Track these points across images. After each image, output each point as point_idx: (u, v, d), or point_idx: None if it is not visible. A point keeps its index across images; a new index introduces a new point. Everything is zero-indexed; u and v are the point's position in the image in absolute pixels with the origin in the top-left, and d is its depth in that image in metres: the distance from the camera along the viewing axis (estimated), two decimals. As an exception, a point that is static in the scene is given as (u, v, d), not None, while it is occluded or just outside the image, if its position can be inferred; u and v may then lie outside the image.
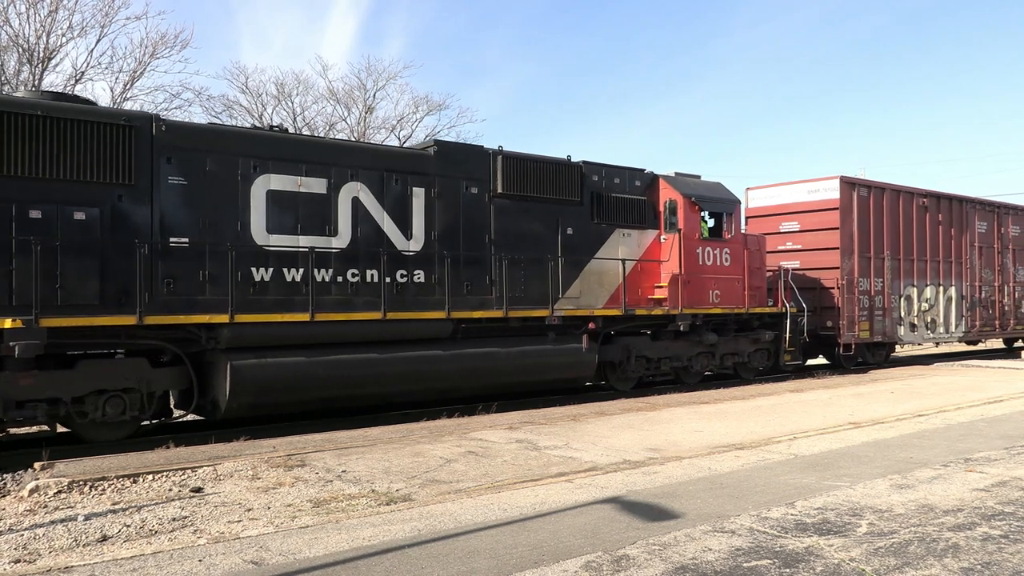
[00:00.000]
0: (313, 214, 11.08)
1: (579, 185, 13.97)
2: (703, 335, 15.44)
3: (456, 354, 12.06)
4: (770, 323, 16.83)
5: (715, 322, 15.76)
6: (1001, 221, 23.01)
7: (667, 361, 15.19)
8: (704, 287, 15.25)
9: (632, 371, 14.66)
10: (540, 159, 13.67)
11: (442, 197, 12.36)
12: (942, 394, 13.69)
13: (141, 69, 26.42)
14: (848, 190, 18.39)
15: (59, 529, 5.74)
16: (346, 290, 11.29)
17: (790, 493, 6.49)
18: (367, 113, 35.46)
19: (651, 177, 15.25)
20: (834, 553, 4.92)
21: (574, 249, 13.83)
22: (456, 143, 14.89)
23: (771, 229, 19.20)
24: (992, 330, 22.89)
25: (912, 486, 6.78)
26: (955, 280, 21.27)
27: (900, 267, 19.60)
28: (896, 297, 19.47)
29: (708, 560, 4.77)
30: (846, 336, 18.16)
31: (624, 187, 14.73)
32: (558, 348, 13.26)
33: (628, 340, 14.63)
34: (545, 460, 7.99)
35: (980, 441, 9.03)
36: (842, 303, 18.03)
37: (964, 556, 4.88)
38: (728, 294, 15.67)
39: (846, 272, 18.18)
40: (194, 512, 6.15)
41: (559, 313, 13.23)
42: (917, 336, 20.37)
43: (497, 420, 10.75)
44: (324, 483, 7.01)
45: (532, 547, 5.06)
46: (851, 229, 18.34)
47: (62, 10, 24.07)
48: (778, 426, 10.18)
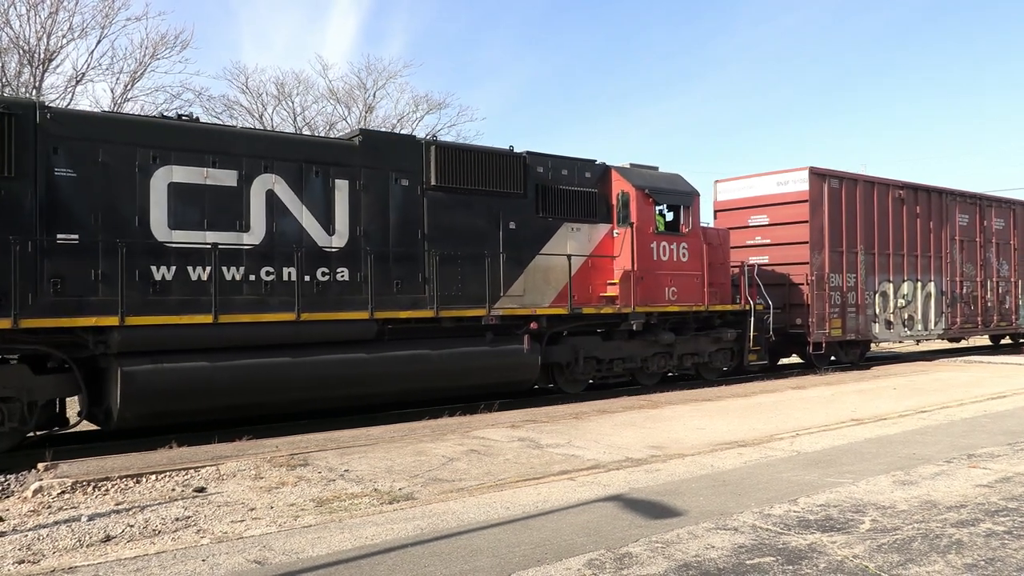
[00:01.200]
0: (222, 208, 10.33)
1: (522, 177, 13.21)
2: (659, 334, 14.71)
3: (381, 357, 11.30)
4: (733, 321, 16.06)
5: (673, 321, 15.02)
6: (984, 214, 22.15)
7: (620, 362, 14.44)
8: (659, 284, 14.52)
9: (580, 373, 13.91)
10: (478, 149, 13.10)
11: (368, 190, 11.60)
12: (945, 390, 13.67)
13: (141, 70, 26.47)
14: (818, 182, 17.69)
15: (63, 529, 5.75)
16: (260, 289, 10.55)
17: (793, 490, 6.49)
18: (367, 112, 35.48)
19: (603, 169, 14.50)
20: (837, 550, 4.92)
21: (517, 244, 13.08)
22: (384, 132, 14.13)
23: (740, 223, 18.60)
24: (974, 327, 22.10)
25: (915, 482, 6.78)
26: (934, 275, 20.53)
27: (875, 262, 18.89)
28: (871, 293, 18.77)
29: (711, 558, 4.77)
30: (816, 334, 17.46)
31: (573, 179, 13.98)
32: (496, 350, 12.46)
33: (576, 340, 13.87)
34: (547, 458, 7.99)
35: (983, 437, 9.02)
36: (811, 300, 17.35)
37: (967, 552, 4.87)
38: (686, 291, 14.92)
39: (816, 267, 17.49)
40: (197, 512, 6.16)
41: (497, 312, 12.45)
42: (893, 334, 19.65)
43: (499, 418, 10.76)
44: (327, 482, 7.01)
45: (535, 545, 5.06)
46: (821, 222, 17.67)
47: (62, 11, 24.12)
48: (780, 423, 10.17)
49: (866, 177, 19.08)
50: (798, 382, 15.41)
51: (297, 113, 34.41)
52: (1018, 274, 23.35)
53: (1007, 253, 23.07)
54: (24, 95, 22.79)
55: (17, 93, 23.00)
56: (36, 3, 23.53)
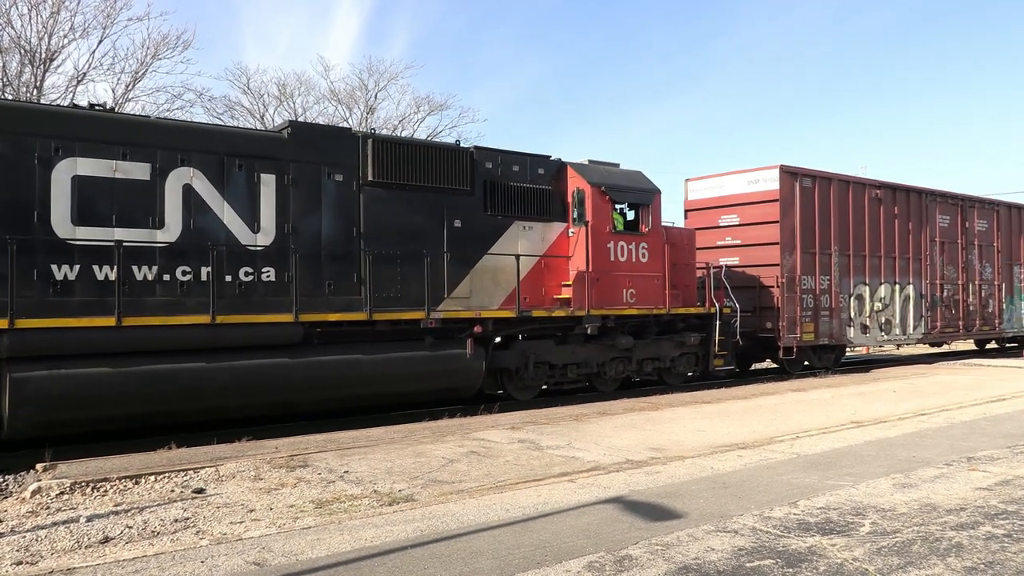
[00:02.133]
0: (133, 203, 9.73)
1: (469, 172, 12.57)
2: (616, 338, 13.98)
3: (307, 362, 10.60)
4: (698, 325, 15.38)
5: (632, 324, 14.34)
6: (966, 215, 21.53)
7: (575, 367, 13.75)
8: (617, 286, 13.85)
9: (530, 379, 13.25)
10: (420, 143, 12.47)
11: (298, 185, 10.98)
12: (944, 393, 13.67)
13: (143, 70, 26.49)
14: (789, 180, 17.07)
15: (61, 530, 5.75)
16: (175, 290, 9.94)
17: (793, 492, 6.49)
18: (368, 113, 35.51)
19: (558, 165, 13.88)
20: (837, 553, 4.91)
21: (463, 243, 12.42)
22: (316, 124, 13.25)
23: (711, 223, 18.04)
24: (955, 331, 21.41)
25: (915, 485, 6.77)
26: (914, 278, 19.93)
27: (850, 264, 18.27)
28: (845, 296, 18.14)
29: (711, 560, 4.77)
30: (786, 339, 16.77)
31: (525, 175, 13.33)
32: (436, 355, 11.74)
33: (526, 345, 13.16)
34: (547, 460, 7.98)
35: (983, 440, 9.02)
36: (782, 303, 16.73)
37: (967, 555, 4.87)
38: (646, 293, 14.26)
39: (787, 269, 16.89)
40: (196, 513, 6.16)
41: (437, 315, 11.71)
42: (869, 338, 19.03)
43: (499, 420, 10.75)
44: (326, 484, 7.01)
45: (535, 547, 5.06)
46: (793, 223, 17.05)
47: (64, 11, 24.15)
48: (780, 425, 10.17)
49: (841, 176, 18.51)
50: (798, 384, 15.41)
51: (299, 114, 34.43)
52: (1002, 277, 22.72)
53: (990, 255, 22.47)
54: (25, 95, 22.81)
55: (18, 93, 23.02)
56: (38, 3, 23.57)
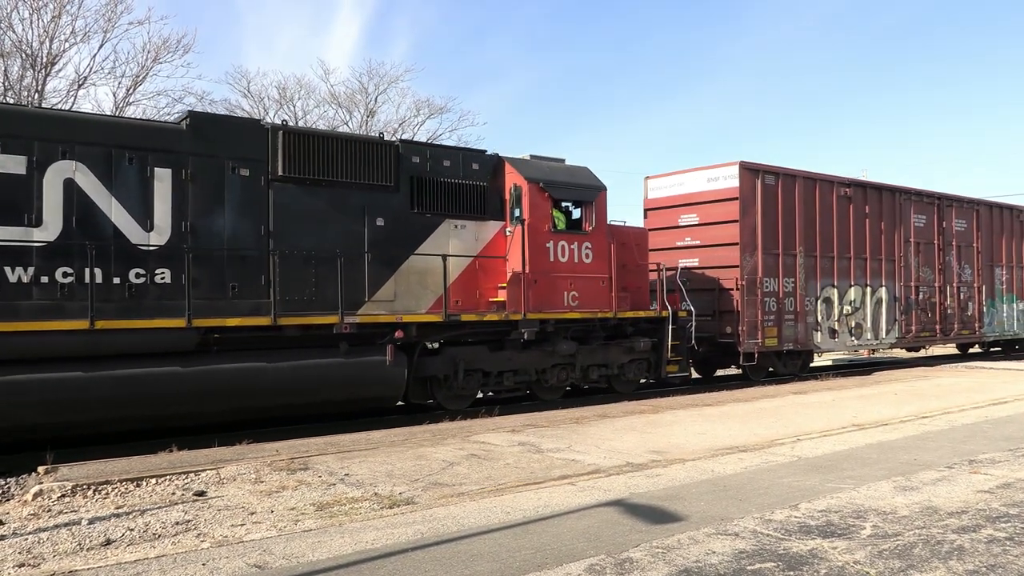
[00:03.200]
0: (5, 199, 9.08)
1: (393, 167, 11.77)
2: (557, 344, 13.18)
3: (201, 371, 9.81)
4: (650, 329, 14.55)
5: (576, 329, 13.54)
6: (943, 214, 20.66)
7: (511, 375, 12.97)
8: (557, 288, 13.03)
9: (461, 388, 12.42)
10: (338, 135, 11.70)
11: (198, 180, 10.19)
12: (946, 396, 13.66)
13: (144, 74, 26.55)
14: (750, 178, 16.24)
15: (63, 533, 5.75)
16: (54, 293, 9.22)
17: (794, 495, 6.48)
18: (369, 117, 35.57)
19: (495, 160, 13.12)
20: (838, 555, 4.91)
21: (387, 243, 11.68)
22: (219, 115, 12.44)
23: (670, 223, 17.34)
24: (932, 335, 20.53)
25: (916, 488, 6.77)
26: (887, 280, 19.07)
27: (817, 265, 17.45)
28: (812, 299, 17.30)
29: (712, 563, 4.76)
30: (747, 344, 15.92)
31: (457, 171, 12.52)
32: (351, 362, 10.91)
33: (456, 351, 12.37)
34: (548, 463, 7.98)
35: (984, 443, 9.01)
36: (741, 306, 15.91)
37: (969, 558, 4.86)
38: (590, 296, 13.41)
39: (747, 271, 16.06)
40: (197, 516, 6.16)
41: (352, 320, 10.87)
42: (838, 343, 18.14)
43: (500, 423, 10.75)
44: (327, 486, 7.01)
45: (535, 550, 5.06)
46: (754, 222, 16.20)
47: (65, 15, 24.21)
48: (781, 428, 10.16)
49: (806, 173, 17.58)
50: (799, 387, 15.39)
51: (299, 117, 34.49)
52: (982, 279, 21.90)
53: (970, 256, 21.60)
54: (27, 99, 22.85)
55: (20, 97, 23.07)
56: (39, 7, 23.64)
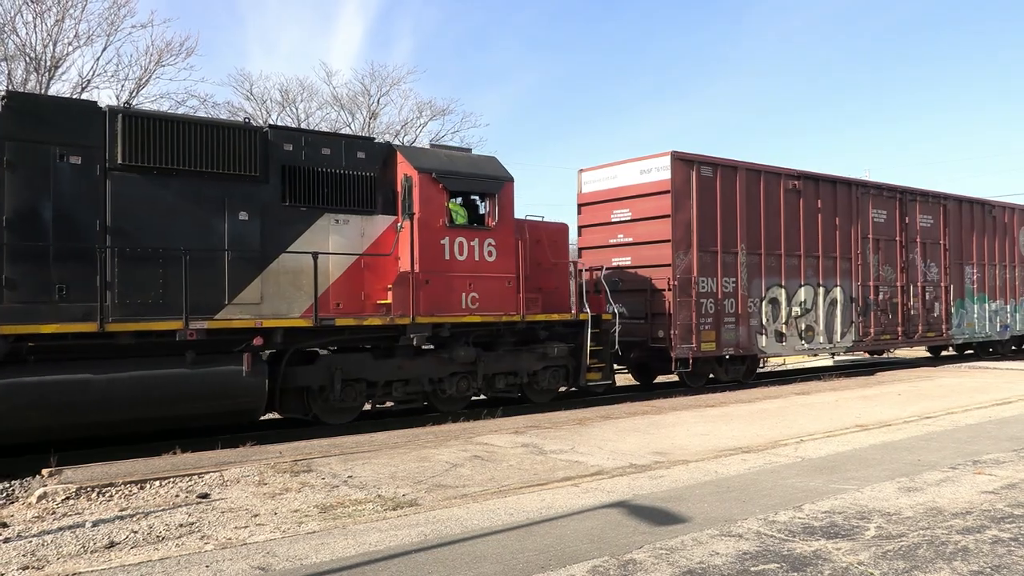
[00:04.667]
0: None
1: (259, 156, 10.62)
2: (455, 350, 12.07)
3: (9, 385, 8.67)
4: (568, 334, 13.49)
5: (479, 334, 12.48)
6: (905, 210, 19.50)
7: (401, 385, 11.81)
8: (454, 288, 11.87)
9: (338, 400, 11.20)
10: (192, 120, 10.53)
11: (17, 169, 9.14)
12: (949, 396, 13.64)
13: (147, 77, 26.60)
14: (683, 169, 15.08)
15: (67, 535, 5.76)
16: None
17: (797, 496, 6.48)
18: (371, 118, 35.60)
19: (385, 149, 11.98)
20: (842, 557, 4.90)
21: (251, 240, 10.56)
22: (44, 96, 11.17)
23: (603, 219, 16.29)
24: (893, 338, 19.32)
25: (920, 489, 6.76)
26: (842, 279, 17.85)
27: (762, 264, 16.19)
28: (756, 301, 16.08)
29: (715, 564, 4.76)
30: (680, 349, 14.75)
31: (339, 160, 11.35)
32: (198, 372, 9.76)
33: (332, 359, 11.25)
34: (551, 464, 7.98)
35: (989, 443, 8.99)
36: (673, 308, 14.75)
37: (973, 559, 4.85)
38: (493, 297, 12.24)
39: (681, 270, 14.93)
40: (201, 518, 6.17)
41: (200, 325, 9.70)
42: (787, 347, 16.92)
43: (503, 424, 10.75)
44: (330, 488, 7.01)
45: (538, 552, 5.06)
46: (688, 217, 15.06)
47: (68, 19, 24.28)
48: (784, 429, 10.15)
49: (749, 164, 16.28)
50: (802, 388, 15.36)
51: (301, 120, 34.54)
52: (950, 278, 20.72)
53: (936, 254, 20.39)
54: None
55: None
56: (42, 11, 23.70)
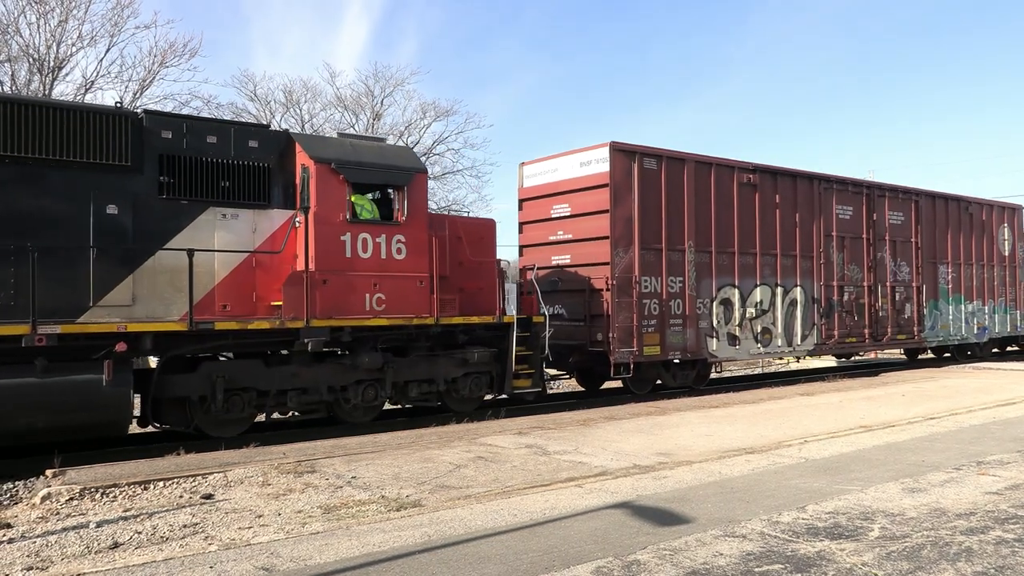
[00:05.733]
0: None
1: (132, 144, 9.66)
2: (359, 356, 11.08)
3: None
4: (490, 338, 12.47)
5: (388, 338, 11.42)
6: (873, 206, 18.54)
7: (297, 394, 10.74)
8: (356, 289, 10.78)
9: (220, 411, 10.08)
10: (50, 104, 9.54)
11: None
12: (953, 397, 13.61)
13: (150, 78, 26.60)
14: (624, 161, 14.06)
15: (71, 536, 5.78)
16: None
17: (801, 497, 6.47)
18: (375, 119, 35.64)
19: (282, 138, 11.04)
20: (846, 557, 4.90)
21: (122, 235, 9.60)
22: None
23: (544, 214, 15.31)
24: (860, 340, 18.28)
25: (924, 489, 6.75)
26: (803, 279, 16.79)
27: (712, 262, 15.16)
28: (706, 301, 15.04)
29: (719, 565, 4.76)
30: (619, 353, 13.62)
31: (227, 149, 10.32)
32: (46, 382, 8.69)
33: (214, 367, 10.22)
34: (555, 465, 7.98)
35: (992, 444, 8.97)
36: (612, 310, 13.66)
37: (977, 560, 4.85)
38: (402, 298, 11.16)
39: (621, 269, 13.85)
40: (205, 519, 6.18)
41: (51, 330, 8.71)
42: (741, 351, 15.80)
43: (506, 425, 10.75)
44: (334, 489, 7.02)
45: (542, 552, 5.06)
46: (629, 212, 14.02)
47: (72, 20, 24.31)
48: (789, 430, 10.14)
49: (698, 156, 15.20)
50: (806, 389, 15.35)
51: (305, 120, 34.59)
52: (922, 278, 19.67)
53: (907, 253, 19.37)
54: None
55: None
56: (46, 12, 23.75)
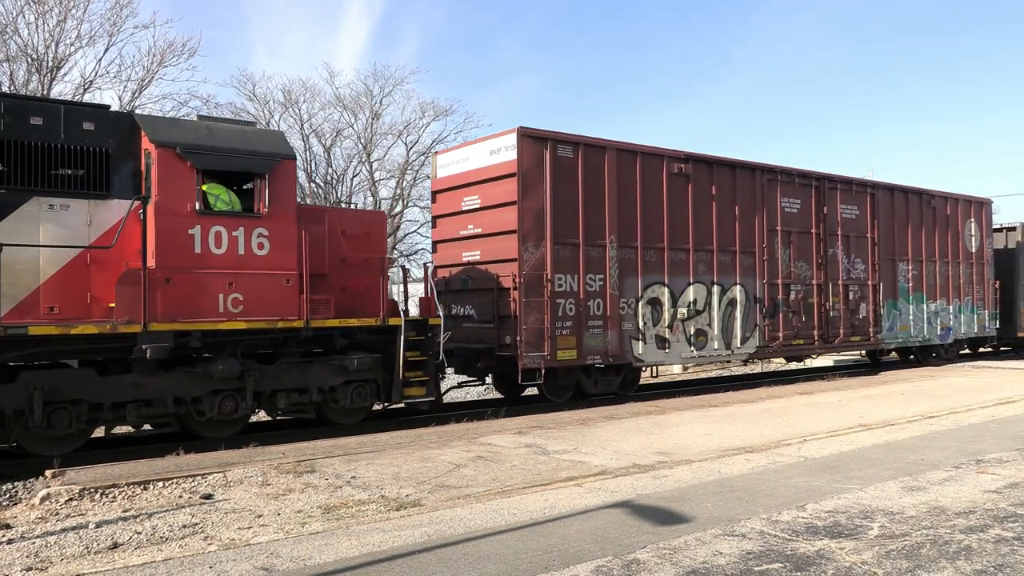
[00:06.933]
0: None
1: None
2: (212, 364, 9.92)
3: None
4: (377, 342, 11.26)
5: (253, 343, 10.31)
6: (824, 199, 17.30)
7: (137, 407, 9.57)
8: (207, 288, 9.66)
9: (39, 427, 8.92)
10: None
11: None
12: (952, 395, 13.62)
13: (149, 77, 26.60)
14: (534, 148, 12.78)
15: (70, 537, 5.77)
16: None
17: (801, 496, 6.47)
18: (374, 119, 35.64)
19: (125, 120, 9.89)
20: (845, 556, 4.90)
21: None
22: None
23: (455, 207, 14.11)
24: (810, 343, 16.94)
25: (923, 488, 6.75)
26: (743, 277, 15.54)
27: (638, 259, 13.93)
28: (631, 301, 13.81)
29: (719, 564, 4.76)
30: (528, 358, 12.42)
31: (56, 132, 9.21)
32: None
33: (33, 376, 8.94)
34: (554, 464, 7.98)
35: (992, 442, 8.98)
36: (520, 310, 12.45)
37: (976, 558, 4.85)
38: (264, 299, 10.03)
39: (530, 266, 12.61)
40: (204, 519, 6.18)
41: None
42: (671, 354, 14.49)
43: (506, 425, 10.75)
44: (334, 489, 7.02)
45: (542, 552, 5.06)
46: (540, 205, 12.77)
47: (71, 20, 24.30)
48: (788, 428, 10.15)
49: (621, 144, 13.91)
50: (805, 388, 15.36)
51: (304, 120, 34.59)
52: (879, 276, 18.46)
53: (862, 249, 18.16)
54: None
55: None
56: (44, 11, 23.73)
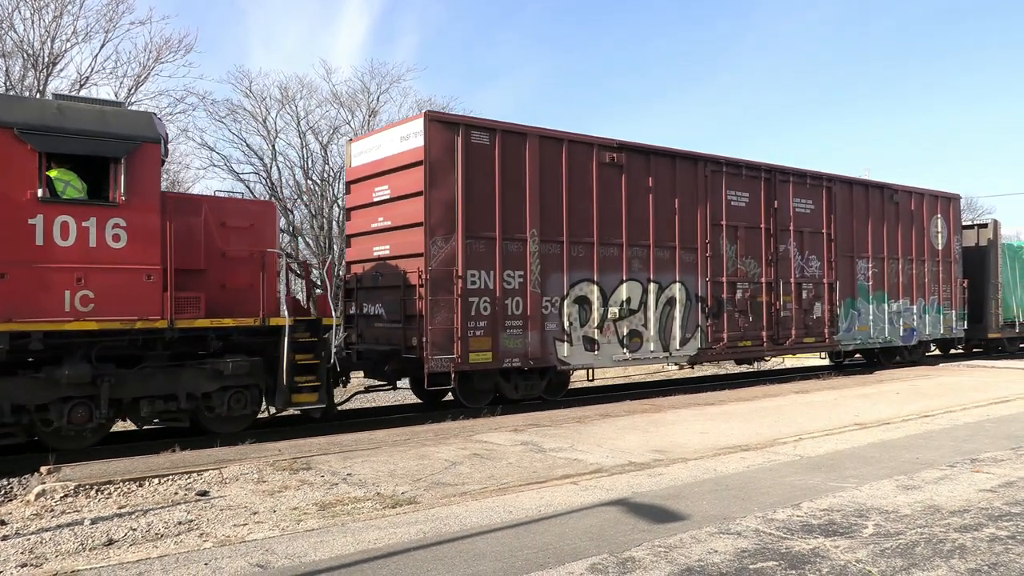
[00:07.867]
0: None
1: None
2: (56, 369, 8.98)
3: None
4: (261, 344, 10.37)
5: (110, 345, 9.36)
6: (775, 192, 16.25)
7: None
8: (49, 285, 8.74)
9: None
10: None
11: None
12: (948, 395, 13.65)
13: (145, 74, 26.52)
14: (444, 134, 11.79)
15: (65, 533, 5.76)
16: None
17: (796, 494, 6.49)
18: (371, 116, 35.57)
19: None
20: (840, 554, 4.91)
21: None
22: None
23: (367, 198, 13.24)
24: (758, 344, 15.89)
25: (918, 487, 6.77)
26: (683, 274, 14.64)
27: (564, 254, 13.00)
28: (555, 300, 12.90)
29: (714, 562, 4.77)
30: (434, 361, 11.49)
31: None
32: None
33: None
34: (550, 462, 7.99)
35: (986, 441, 9.01)
36: (426, 309, 11.51)
37: (971, 557, 4.87)
38: (120, 297, 9.10)
39: (439, 261, 11.67)
40: (200, 515, 6.17)
41: None
42: (601, 357, 13.56)
43: (502, 423, 10.75)
44: (329, 486, 7.02)
45: (538, 549, 5.06)
46: (450, 194, 11.79)
47: (67, 15, 24.21)
48: (783, 427, 10.16)
49: (545, 131, 12.93)
50: (801, 387, 15.38)
51: (300, 117, 34.52)
52: (836, 274, 17.50)
53: (817, 245, 17.17)
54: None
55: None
56: (40, 7, 23.64)
